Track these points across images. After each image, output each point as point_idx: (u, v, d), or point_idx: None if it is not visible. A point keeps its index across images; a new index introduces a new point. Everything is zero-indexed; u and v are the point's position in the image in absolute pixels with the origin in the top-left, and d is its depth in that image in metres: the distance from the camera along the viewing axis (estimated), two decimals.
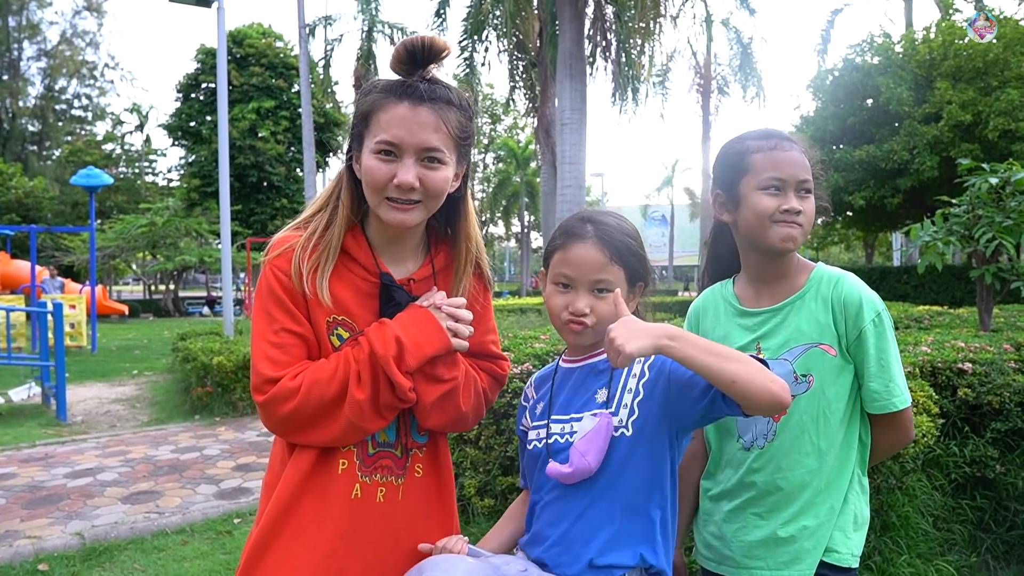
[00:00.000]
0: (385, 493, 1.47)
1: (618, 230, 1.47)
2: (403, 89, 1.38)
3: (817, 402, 1.54)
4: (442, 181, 1.41)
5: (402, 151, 1.37)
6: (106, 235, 26.30)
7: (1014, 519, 3.34)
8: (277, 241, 1.46)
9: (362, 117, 1.42)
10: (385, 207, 1.40)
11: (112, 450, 6.12)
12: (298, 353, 1.42)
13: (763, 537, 1.55)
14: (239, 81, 35.37)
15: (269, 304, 1.43)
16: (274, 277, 1.43)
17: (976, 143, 14.62)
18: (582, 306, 1.43)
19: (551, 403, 1.51)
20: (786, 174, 1.53)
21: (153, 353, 13.60)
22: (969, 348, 3.79)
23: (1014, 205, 4.76)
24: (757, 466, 1.57)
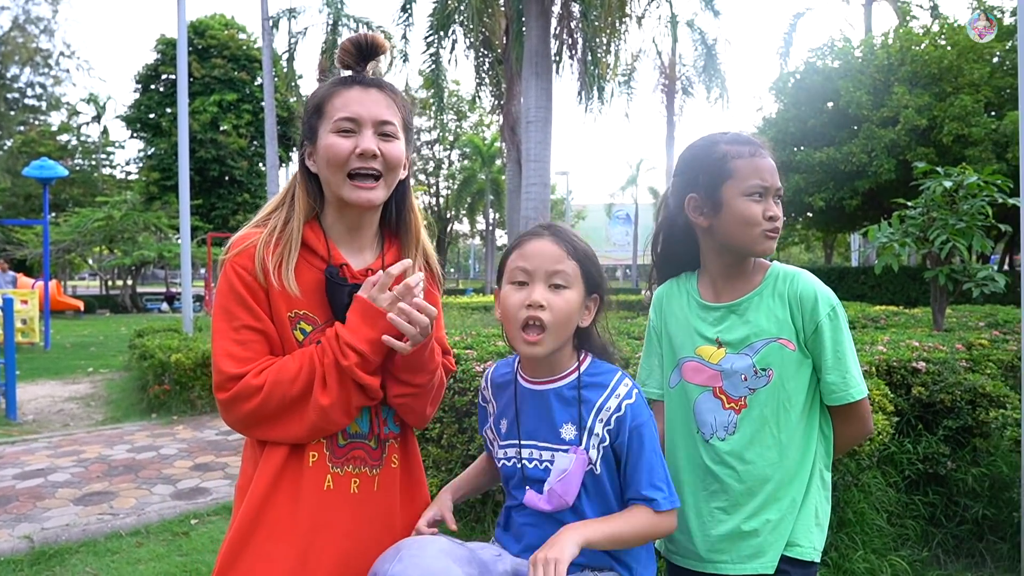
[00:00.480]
0: (359, 484, 1.48)
1: (574, 235, 1.50)
2: (352, 79, 1.51)
3: (777, 395, 1.56)
4: (399, 152, 1.49)
5: (360, 124, 1.46)
6: (61, 229, 25.63)
7: (964, 514, 3.42)
8: (237, 239, 1.48)
9: (314, 109, 1.50)
10: (349, 187, 1.45)
11: (64, 450, 5.96)
12: (260, 349, 1.43)
13: (727, 531, 1.57)
14: (200, 73, 34.73)
15: (230, 301, 1.43)
16: (235, 274, 1.44)
17: (931, 147, 14.99)
18: (538, 297, 1.40)
19: (518, 425, 1.52)
20: (768, 181, 1.56)
21: (109, 350, 13.28)
22: (923, 347, 3.89)
23: (966, 208, 4.89)
24: (719, 459, 1.59)
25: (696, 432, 1.63)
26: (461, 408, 3.32)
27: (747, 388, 1.57)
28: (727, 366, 1.59)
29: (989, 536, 3.40)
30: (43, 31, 32.83)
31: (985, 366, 3.85)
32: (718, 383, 1.60)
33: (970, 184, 4.93)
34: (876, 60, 16.50)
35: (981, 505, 3.38)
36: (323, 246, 1.50)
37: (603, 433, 1.44)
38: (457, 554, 1.33)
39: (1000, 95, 15.14)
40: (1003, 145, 14.15)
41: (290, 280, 1.43)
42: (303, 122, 1.53)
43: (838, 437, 1.65)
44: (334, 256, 1.50)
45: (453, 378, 3.35)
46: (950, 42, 16.06)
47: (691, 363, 1.65)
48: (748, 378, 1.57)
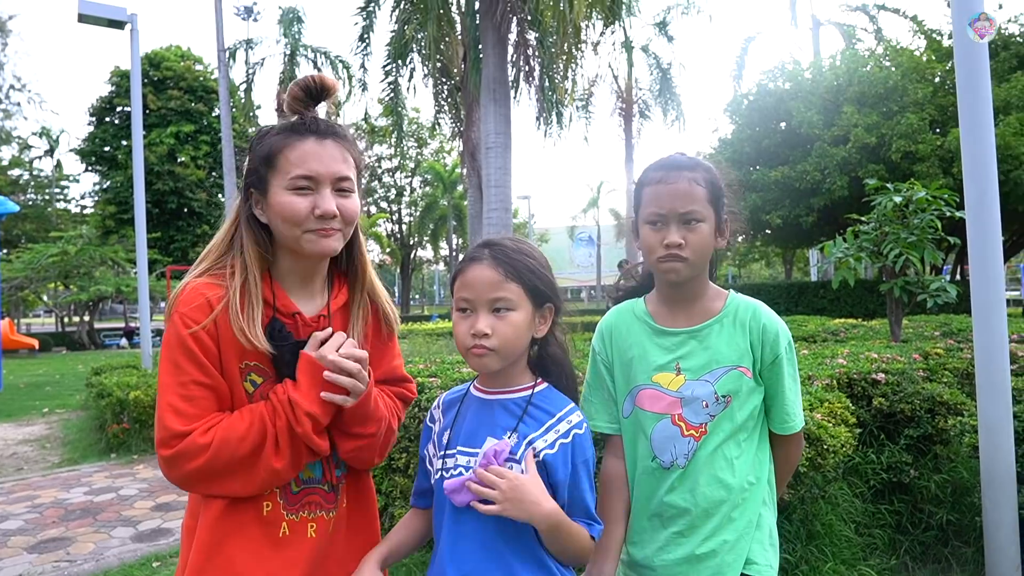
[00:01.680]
0: (316, 528, 1.47)
1: (515, 250, 1.47)
2: (306, 127, 1.43)
3: (731, 421, 1.59)
4: (356, 207, 1.47)
5: (318, 183, 1.41)
6: (13, 265, 24.93)
7: (929, 521, 3.48)
8: (188, 293, 1.40)
9: (264, 159, 1.43)
10: (307, 239, 1.41)
11: (18, 496, 5.74)
12: (208, 406, 1.38)
13: (685, 554, 1.58)
14: (157, 105, 34.38)
15: (178, 355, 1.37)
16: (185, 328, 1.37)
17: (881, 164, 15.39)
18: (482, 326, 1.40)
19: (452, 433, 1.49)
20: (666, 208, 1.55)
21: (66, 389, 12.89)
22: (882, 359, 3.97)
23: (917, 222, 5.03)
24: (677, 485, 1.59)
25: (653, 460, 1.62)
26: None
27: (708, 415, 1.58)
28: (687, 393, 1.59)
29: (954, 541, 3.46)
30: None
31: (942, 375, 3.94)
32: (677, 410, 1.60)
33: (919, 199, 5.09)
34: (825, 81, 16.97)
35: (945, 511, 3.44)
36: (270, 294, 1.45)
37: (542, 454, 1.40)
38: None
39: (944, 113, 15.66)
40: (948, 160, 14.62)
41: (260, 339, 1.39)
42: (250, 168, 1.46)
43: (779, 463, 1.72)
44: (285, 306, 1.46)
45: (417, 406, 3.32)
46: (894, 63, 16.59)
47: (648, 391, 1.63)
48: (709, 404, 1.58)
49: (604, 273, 48.89)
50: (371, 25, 15.84)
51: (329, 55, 22.78)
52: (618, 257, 18.40)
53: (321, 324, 1.49)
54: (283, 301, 1.47)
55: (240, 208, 1.50)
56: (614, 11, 15.01)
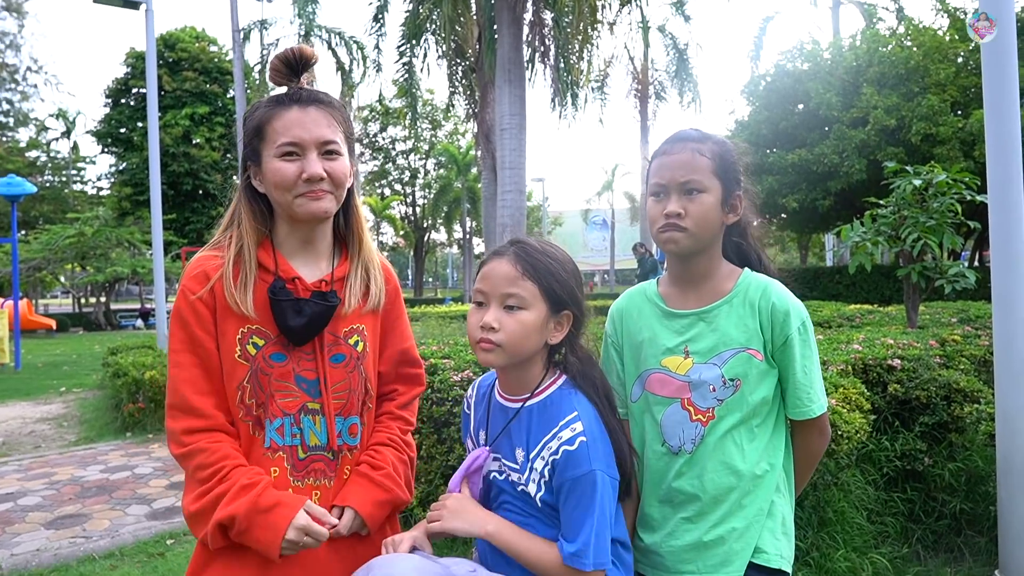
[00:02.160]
0: (320, 496, 1.51)
1: (539, 250, 1.45)
2: (288, 97, 1.51)
3: (743, 406, 1.55)
4: (344, 168, 1.52)
5: (304, 148, 1.47)
6: (31, 246, 25.15)
7: (942, 509, 3.45)
8: (190, 266, 1.53)
9: (255, 131, 1.51)
10: (299, 202, 1.47)
11: (35, 472, 5.83)
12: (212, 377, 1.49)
13: (693, 541, 1.55)
14: (172, 86, 34.41)
15: (186, 322, 1.48)
16: (185, 301, 1.49)
17: (901, 146, 15.19)
18: (490, 319, 1.40)
19: (487, 437, 1.54)
20: (666, 178, 1.55)
21: (82, 369, 13.05)
22: (898, 345, 3.92)
23: (936, 206, 4.95)
24: (685, 470, 1.57)
25: (662, 445, 1.60)
26: (439, 418, 3.29)
27: (715, 399, 1.55)
28: (695, 376, 1.56)
29: (967, 530, 3.43)
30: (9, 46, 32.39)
31: (958, 362, 3.89)
32: (686, 394, 1.57)
33: (939, 182, 5.00)
34: (844, 62, 16.72)
35: (958, 500, 3.40)
36: (271, 261, 1.52)
37: (541, 470, 1.41)
38: (430, 571, 1.31)
39: (965, 94, 15.40)
40: (970, 143, 14.39)
41: (248, 304, 1.47)
42: (244, 143, 1.55)
43: (799, 449, 1.65)
44: (283, 271, 1.52)
45: (430, 388, 3.32)
46: (915, 43, 16.31)
47: (657, 375, 1.61)
48: (716, 388, 1.55)
49: (618, 257, 48.73)
50: (385, 5, 15.78)
51: (343, 35, 22.73)
52: (632, 241, 18.35)
53: (322, 289, 1.54)
54: (283, 267, 1.53)
55: (240, 182, 1.58)
56: None
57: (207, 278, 1.48)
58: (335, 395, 1.54)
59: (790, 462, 1.65)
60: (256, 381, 1.48)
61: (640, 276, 13.79)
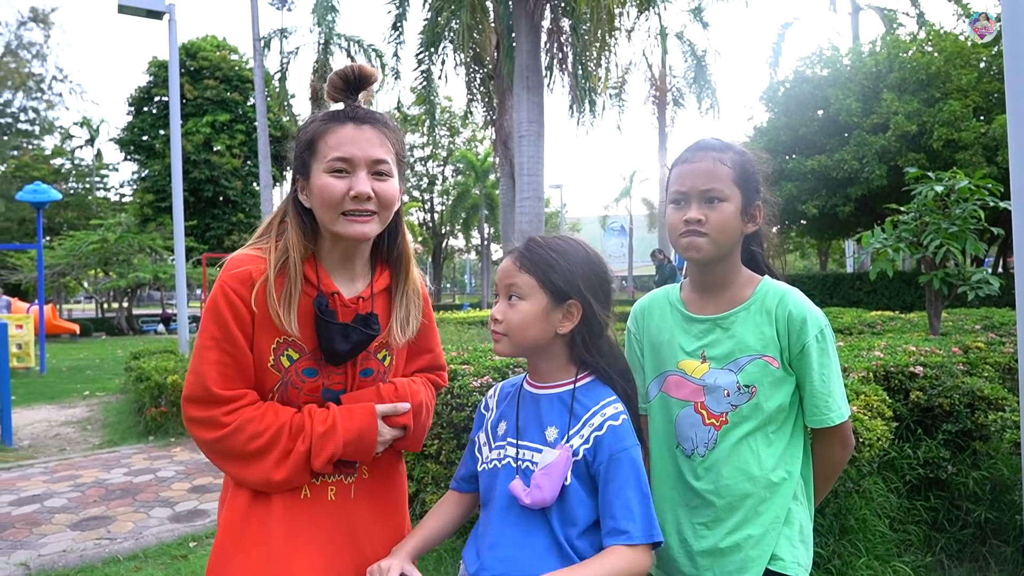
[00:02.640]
0: (336, 492, 1.54)
1: (542, 245, 1.50)
2: (344, 114, 1.50)
3: (758, 413, 1.55)
4: (393, 191, 1.50)
5: (354, 166, 1.45)
6: (55, 252, 25.53)
7: (966, 518, 3.41)
8: (234, 261, 1.49)
9: (306, 145, 1.50)
10: (343, 222, 1.46)
11: (61, 475, 5.91)
12: (234, 374, 1.47)
13: (709, 547, 1.56)
14: (193, 94, 34.84)
15: (213, 318, 1.46)
16: (224, 297, 1.45)
17: (922, 152, 15.05)
18: (495, 311, 1.51)
19: (517, 425, 1.53)
20: (686, 186, 1.56)
21: (105, 373, 13.21)
22: (920, 352, 3.89)
23: (959, 212, 4.90)
24: (699, 474, 1.58)
25: (677, 447, 1.62)
26: (459, 424, 3.31)
27: (729, 404, 1.56)
28: (710, 381, 1.58)
29: (992, 540, 3.38)
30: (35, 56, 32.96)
31: (982, 369, 3.85)
32: (700, 398, 1.59)
33: (961, 188, 4.95)
34: (864, 67, 16.61)
35: (983, 509, 3.37)
36: (315, 275, 1.52)
37: (579, 448, 1.42)
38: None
39: (988, 100, 15.24)
40: (993, 149, 14.23)
41: (292, 323, 1.46)
42: (295, 155, 1.54)
43: (819, 458, 1.64)
44: (325, 285, 1.52)
45: (449, 393, 3.34)
46: (937, 48, 16.17)
47: (673, 377, 1.63)
48: (731, 394, 1.56)
49: (636, 263, 48.58)
50: (404, 14, 15.88)
51: (363, 44, 22.88)
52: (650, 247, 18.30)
53: (360, 306, 1.55)
54: (324, 280, 1.53)
55: (289, 195, 1.58)
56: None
57: (252, 281, 1.46)
58: None
59: (809, 470, 1.64)
60: (285, 392, 1.52)
61: (658, 282, 13.75)
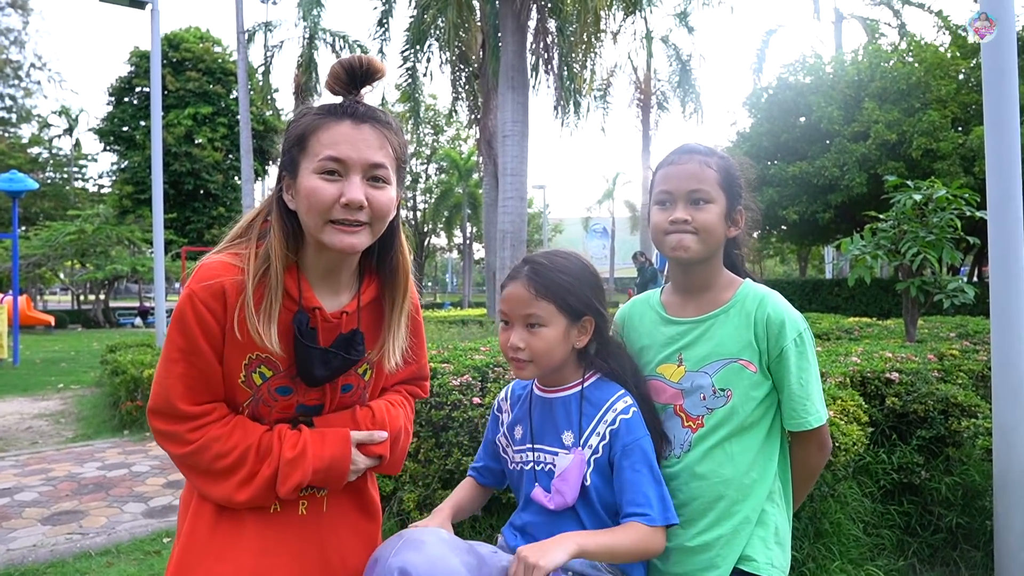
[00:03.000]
0: (308, 506, 1.46)
1: (551, 268, 1.54)
2: (343, 109, 1.34)
3: (734, 416, 1.56)
4: (388, 201, 1.35)
5: (348, 168, 1.30)
6: (31, 242, 25.20)
7: (938, 523, 3.46)
8: (207, 270, 1.34)
9: (296, 140, 1.34)
10: (330, 231, 1.31)
11: (32, 468, 5.82)
12: (201, 388, 1.37)
13: (678, 544, 1.57)
14: (175, 86, 34.49)
15: (191, 331, 1.33)
16: (192, 309, 1.32)
17: (901, 161, 15.24)
18: (515, 340, 1.52)
19: (531, 429, 1.60)
20: (673, 186, 1.57)
21: (81, 366, 13.04)
22: (896, 358, 3.94)
23: (936, 221, 4.97)
24: (672, 475, 1.60)
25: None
26: (437, 422, 3.30)
27: (705, 407, 1.58)
28: (687, 384, 1.59)
29: (963, 544, 3.43)
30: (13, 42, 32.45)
31: (956, 376, 3.90)
32: (679, 401, 1.60)
33: (939, 197, 5.02)
34: (847, 76, 16.79)
35: (955, 514, 3.41)
36: (295, 287, 1.38)
37: (598, 446, 1.51)
38: (457, 545, 1.39)
39: (966, 111, 15.47)
40: (970, 159, 14.44)
41: (273, 340, 1.32)
42: (283, 150, 1.38)
43: (796, 461, 1.66)
44: (306, 299, 1.38)
45: (429, 392, 3.32)
46: (917, 59, 16.39)
47: (654, 382, 1.65)
48: (707, 397, 1.57)
49: (618, 265, 48.77)
50: (390, 10, 15.82)
51: (348, 39, 22.75)
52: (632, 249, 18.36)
53: (343, 322, 1.43)
54: (306, 295, 1.39)
55: (273, 193, 1.43)
56: (634, 0, 14.89)
57: (224, 293, 1.32)
58: None
59: (786, 472, 1.65)
60: (256, 408, 1.42)
61: (639, 285, 13.81)
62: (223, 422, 1.38)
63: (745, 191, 1.64)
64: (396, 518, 3.56)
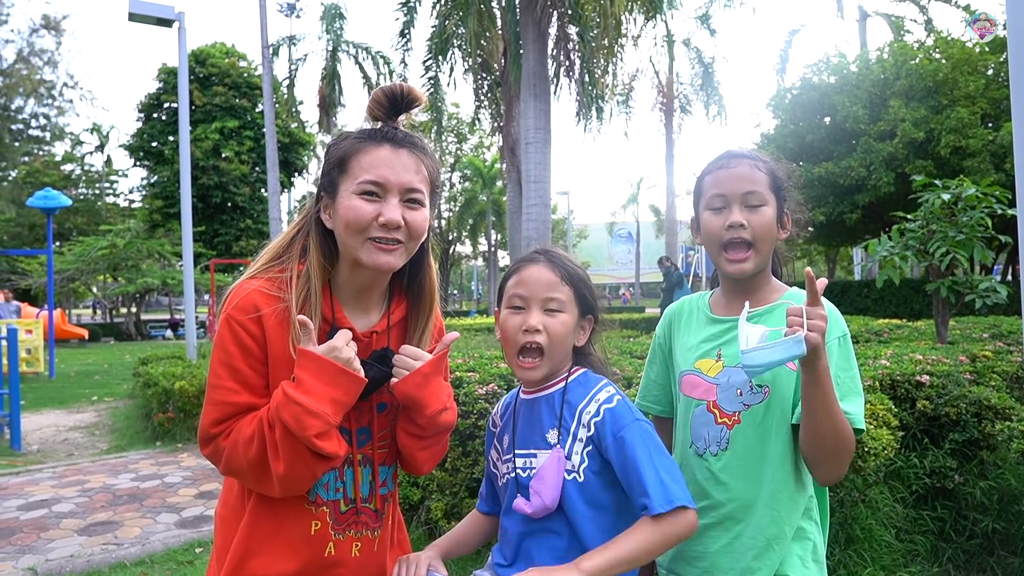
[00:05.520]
0: (361, 547, 1.48)
1: (568, 259, 1.54)
2: (382, 134, 1.40)
3: (772, 414, 1.52)
4: (423, 221, 1.41)
5: (386, 191, 1.37)
6: (65, 258, 25.69)
7: (973, 528, 3.39)
8: (242, 297, 1.37)
9: (337, 162, 1.40)
10: (368, 248, 1.37)
11: (69, 480, 5.94)
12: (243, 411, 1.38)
13: (717, 548, 1.54)
14: (202, 101, 35.03)
15: (222, 358, 1.37)
16: (231, 333, 1.36)
17: (929, 159, 15.02)
18: (535, 322, 1.45)
19: (514, 436, 1.53)
20: (727, 190, 1.55)
21: (113, 378, 13.28)
22: (927, 361, 3.87)
23: (966, 220, 4.89)
24: (710, 475, 1.56)
25: (690, 446, 1.61)
26: (464, 431, 3.31)
27: (741, 403, 1.54)
28: (723, 379, 1.57)
29: (999, 551, 3.37)
30: (47, 63, 33.22)
31: (990, 378, 3.83)
32: (712, 396, 1.58)
33: (969, 196, 4.94)
34: (872, 75, 16.59)
35: (991, 519, 3.35)
36: (328, 307, 1.42)
37: (584, 438, 1.43)
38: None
39: (996, 107, 15.20)
40: (1000, 156, 14.19)
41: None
42: (323, 171, 1.44)
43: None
44: (339, 319, 1.42)
45: (455, 400, 3.34)
46: (944, 55, 16.15)
47: (689, 376, 1.63)
48: (743, 393, 1.53)
49: (643, 270, 48.55)
50: (412, 21, 15.93)
51: (370, 51, 23.00)
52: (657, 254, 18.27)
53: (374, 341, 1.46)
54: (339, 315, 1.43)
55: (310, 212, 1.47)
56: (655, 4, 14.87)
57: (259, 315, 1.36)
58: (380, 445, 1.50)
59: (824, 493, 1.61)
60: None
61: (666, 289, 13.72)
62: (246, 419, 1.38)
63: (790, 194, 1.63)
64: (424, 527, 3.57)
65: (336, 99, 23.20)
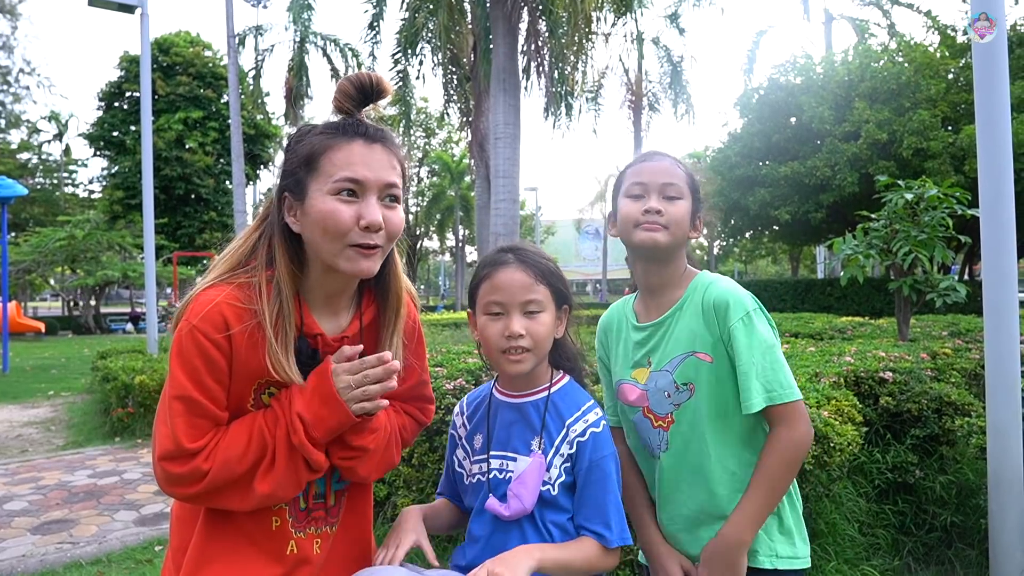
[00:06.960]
0: (321, 544, 1.43)
1: (537, 254, 1.53)
2: (353, 128, 1.30)
3: (703, 408, 1.56)
4: (401, 221, 1.34)
5: (365, 189, 1.27)
6: (21, 248, 25.04)
7: (932, 522, 3.46)
8: (209, 310, 1.26)
9: (305, 160, 1.29)
10: (349, 254, 1.27)
11: (22, 477, 5.77)
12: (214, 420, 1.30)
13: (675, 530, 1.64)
14: (165, 90, 34.34)
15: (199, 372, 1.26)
16: (195, 343, 1.25)
17: (892, 160, 15.31)
18: (517, 328, 1.44)
19: (489, 437, 1.53)
20: (647, 179, 1.59)
21: (71, 373, 12.96)
22: (889, 357, 3.94)
23: (927, 220, 4.98)
24: (660, 476, 1.64)
25: (643, 448, 1.69)
26: (432, 427, 3.28)
27: (672, 404, 1.59)
28: (651, 385, 1.62)
29: (958, 543, 3.43)
30: (2, 47, 32.27)
31: (949, 375, 3.91)
32: (645, 403, 1.63)
33: (930, 196, 5.03)
34: (837, 76, 16.86)
35: (949, 512, 3.41)
36: (297, 313, 1.34)
37: (566, 455, 1.46)
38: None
39: (956, 110, 15.55)
40: (960, 158, 14.52)
41: (293, 372, 1.30)
42: (286, 170, 1.32)
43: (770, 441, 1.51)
44: (308, 325, 1.35)
45: None
46: (907, 59, 16.47)
47: (624, 384, 1.69)
48: (671, 394, 1.59)
49: (610, 267, 48.83)
50: (381, 13, 15.78)
51: (339, 43, 22.71)
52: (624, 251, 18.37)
53: (344, 344, 1.39)
54: (307, 320, 1.35)
55: (272, 215, 1.35)
56: (625, 2, 14.92)
57: (226, 324, 1.26)
58: None
59: None
60: None
61: (632, 286, 13.82)
62: (224, 432, 1.31)
63: (704, 202, 1.70)
64: (390, 523, 3.53)
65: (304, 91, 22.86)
